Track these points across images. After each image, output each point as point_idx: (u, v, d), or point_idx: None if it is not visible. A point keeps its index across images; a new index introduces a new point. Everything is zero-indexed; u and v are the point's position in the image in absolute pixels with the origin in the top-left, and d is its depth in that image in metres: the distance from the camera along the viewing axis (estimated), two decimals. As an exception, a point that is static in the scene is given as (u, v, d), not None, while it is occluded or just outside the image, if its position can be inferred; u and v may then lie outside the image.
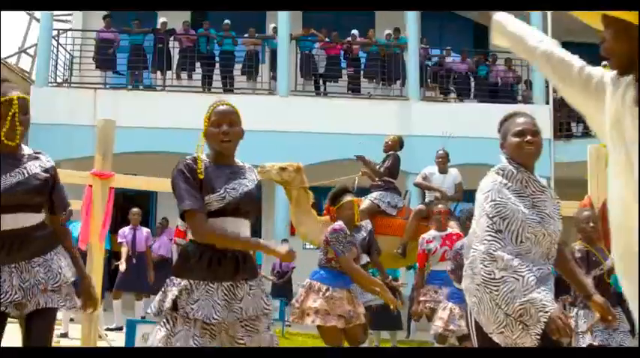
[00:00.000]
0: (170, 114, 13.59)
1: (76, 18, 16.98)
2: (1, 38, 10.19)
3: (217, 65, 15.16)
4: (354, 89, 15.48)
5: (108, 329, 9.55)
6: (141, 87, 15.03)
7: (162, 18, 15.05)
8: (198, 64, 15.16)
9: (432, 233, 7.55)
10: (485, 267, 2.96)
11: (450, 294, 6.62)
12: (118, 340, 8.45)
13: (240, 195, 3.07)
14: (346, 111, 14.20)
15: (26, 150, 3.40)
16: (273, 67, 15.02)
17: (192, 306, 2.90)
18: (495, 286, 2.94)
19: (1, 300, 3.14)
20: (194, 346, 2.87)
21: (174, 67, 15.05)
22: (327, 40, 15.29)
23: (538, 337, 2.86)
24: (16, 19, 51.54)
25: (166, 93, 14.60)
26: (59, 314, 3.99)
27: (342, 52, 15.52)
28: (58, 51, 15.34)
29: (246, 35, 15.19)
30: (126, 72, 15.30)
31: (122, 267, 10.30)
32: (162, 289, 3.01)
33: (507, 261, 2.92)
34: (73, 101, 14.00)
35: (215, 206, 3.02)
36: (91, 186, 6.53)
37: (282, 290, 12.53)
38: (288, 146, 12.68)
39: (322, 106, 14.53)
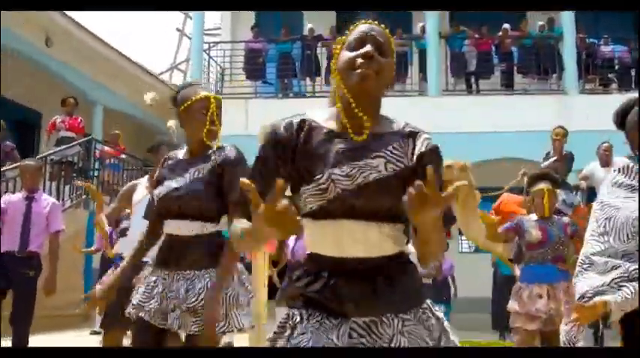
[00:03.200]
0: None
1: (224, 30, 17.38)
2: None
3: (366, 68, 14.93)
4: (508, 85, 14.80)
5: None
6: (290, 94, 15.11)
7: (309, 24, 15.08)
8: (346, 69, 15.00)
9: None
10: None
11: None
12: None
13: None
14: (500, 108, 13.53)
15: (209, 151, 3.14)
16: (422, 67, 14.65)
17: None
18: None
19: (140, 305, 2.98)
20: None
21: (323, 72, 15.02)
22: (476, 36, 14.75)
23: None
24: (167, 37, 53.76)
25: (316, 99, 14.55)
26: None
27: (494, 48, 14.92)
28: (209, 64, 15.71)
29: (394, 37, 14.88)
30: (275, 80, 15.42)
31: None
32: None
33: None
34: (226, 112, 14.14)
35: None
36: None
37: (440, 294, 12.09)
38: (441, 148, 12.24)
39: (475, 105, 13.99)
